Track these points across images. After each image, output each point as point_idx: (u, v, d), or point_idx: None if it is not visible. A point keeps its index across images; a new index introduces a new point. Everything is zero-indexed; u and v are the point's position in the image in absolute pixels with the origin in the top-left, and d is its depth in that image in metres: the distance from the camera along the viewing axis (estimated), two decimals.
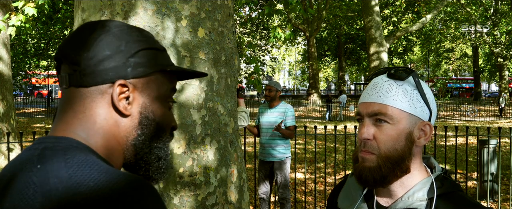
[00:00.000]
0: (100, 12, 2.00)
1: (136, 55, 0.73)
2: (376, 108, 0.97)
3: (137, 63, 0.73)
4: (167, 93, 0.79)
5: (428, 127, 0.98)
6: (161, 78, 0.77)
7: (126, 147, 0.75)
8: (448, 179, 1.00)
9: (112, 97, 0.72)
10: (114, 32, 0.73)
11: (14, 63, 20.01)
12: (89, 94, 0.72)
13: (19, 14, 5.48)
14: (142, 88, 0.75)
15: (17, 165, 0.68)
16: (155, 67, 0.76)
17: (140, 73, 0.74)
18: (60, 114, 0.74)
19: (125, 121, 0.74)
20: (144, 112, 0.75)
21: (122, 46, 0.72)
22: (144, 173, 0.78)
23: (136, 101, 0.74)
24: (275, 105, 4.84)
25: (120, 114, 0.73)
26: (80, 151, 0.67)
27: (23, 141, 4.67)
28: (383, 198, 1.02)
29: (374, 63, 15.02)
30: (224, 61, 2.20)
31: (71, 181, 0.61)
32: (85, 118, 0.72)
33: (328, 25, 33.08)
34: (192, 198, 2.06)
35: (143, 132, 0.75)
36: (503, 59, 29.55)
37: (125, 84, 0.72)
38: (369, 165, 0.96)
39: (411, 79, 0.98)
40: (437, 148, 9.56)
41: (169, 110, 0.81)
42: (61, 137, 0.70)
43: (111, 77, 0.72)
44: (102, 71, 0.71)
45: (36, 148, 0.68)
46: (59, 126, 0.73)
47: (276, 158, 4.76)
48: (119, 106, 0.72)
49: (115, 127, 0.73)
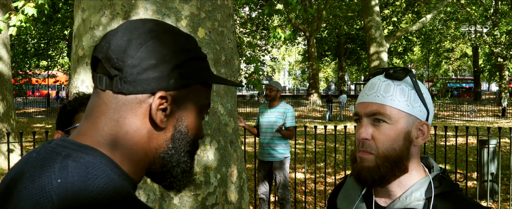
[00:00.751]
0: (100, 12, 2.00)
1: (181, 66, 0.70)
2: (374, 108, 0.97)
3: (181, 74, 0.70)
4: (204, 105, 0.76)
5: (426, 127, 0.99)
6: (200, 90, 0.74)
7: (154, 158, 0.72)
8: (446, 179, 1.00)
9: (151, 109, 0.69)
10: (161, 39, 0.70)
11: (14, 63, 20.00)
12: (126, 102, 0.69)
13: (19, 14, 5.49)
14: (180, 100, 0.72)
15: (37, 165, 0.66)
16: (198, 79, 0.73)
17: (181, 85, 0.71)
18: (91, 117, 0.71)
19: (158, 134, 0.71)
20: (179, 126, 0.72)
21: (169, 56, 0.69)
22: (168, 184, 0.76)
23: (172, 114, 0.71)
24: (275, 105, 4.83)
25: (155, 127, 0.70)
26: (103, 171, 0.65)
27: (23, 141, 4.66)
28: (381, 198, 1.03)
29: (374, 63, 15.02)
30: (224, 61, 2.20)
31: (89, 196, 0.61)
32: (117, 127, 0.69)
33: (328, 25, 33.08)
34: (192, 198, 2.06)
35: (174, 146, 0.72)
36: (503, 59, 29.54)
37: (165, 96, 0.69)
38: (368, 165, 0.97)
39: (408, 79, 0.99)
40: (437, 148, 9.56)
41: (201, 121, 0.78)
42: (87, 146, 0.68)
43: (153, 87, 0.68)
44: (144, 80, 0.68)
45: (58, 153, 0.66)
46: (88, 130, 0.70)
47: (275, 158, 4.76)
48: (156, 119, 0.69)
49: (146, 139, 0.70)
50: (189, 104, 0.73)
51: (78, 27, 2.19)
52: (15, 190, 0.65)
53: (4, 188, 0.68)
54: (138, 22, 0.72)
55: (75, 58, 2.23)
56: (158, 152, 0.72)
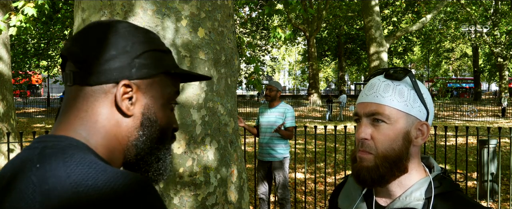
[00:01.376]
0: (100, 12, 2.00)
1: (141, 56, 0.74)
2: (373, 108, 0.98)
3: (142, 64, 0.74)
4: (170, 95, 0.79)
5: (425, 127, 0.99)
6: (165, 80, 0.78)
7: (127, 147, 0.75)
8: (447, 179, 1.00)
9: (116, 97, 0.72)
10: (121, 33, 0.74)
11: (14, 63, 20.01)
12: (92, 93, 0.72)
13: (19, 14, 5.48)
14: (145, 89, 0.75)
15: (17, 164, 0.68)
16: (160, 68, 0.76)
17: (144, 74, 0.74)
18: (62, 112, 0.74)
19: (127, 121, 0.74)
20: (147, 113, 0.75)
21: (128, 47, 0.73)
22: (143, 174, 0.78)
23: (139, 102, 0.75)
24: (275, 105, 4.84)
25: (123, 114, 0.74)
26: (79, 150, 0.67)
27: (23, 141, 4.66)
28: (382, 198, 1.03)
29: (374, 63, 15.02)
30: (224, 61, 2.20)
31: (69, 180, 0.61)
32: (87, 116, 0.72)
33: (328, 25, 33.08)
34: (192, 198, 2.06)
35: (144, 133, 0.75)
36: (503, 59, 29.54)
37: (129, 84, 0.73)
38: (367, 165, 0.97)
39: (408, 79, 0.99)
40: (437, 148, 9.56)
41: (171, 111, 0.81)
42: (61, 136, 0.71)
43: (116, 77, 0.72)
44: (107, 71, 0.72)
45: (36, 147, 0.69)
46: (61, 124, 0.73)
47: (275, 158, 4.76)
48: (122, 106, 0.72)
49: (116, 127, 0.74)
50: (155, 93, 0.76)
51: (78, 27, 2.19)
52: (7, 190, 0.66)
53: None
54: (100, 21, 0.76)
55: None
56: (130, 140, 0.75)
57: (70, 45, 0.74)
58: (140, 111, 0.75)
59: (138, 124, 0.75)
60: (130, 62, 0.73)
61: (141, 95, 0.75)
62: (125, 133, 0.74)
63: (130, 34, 0.75)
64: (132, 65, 0.73)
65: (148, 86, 0.75)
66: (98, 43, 0.72)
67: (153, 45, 0.76)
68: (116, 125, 0.73)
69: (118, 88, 0.72)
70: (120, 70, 0.72)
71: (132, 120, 0.74)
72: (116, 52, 0.72)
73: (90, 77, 0.72)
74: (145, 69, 0.74)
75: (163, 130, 0.78)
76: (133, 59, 0.73)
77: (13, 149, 8.22)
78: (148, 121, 0.76)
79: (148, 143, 0.76)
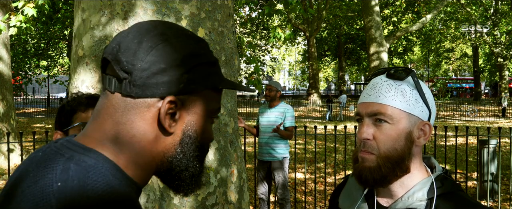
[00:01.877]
0: (100, 12, 2.00)
1: (191, 71, 0.69)
2: (376, 108, 0.97)
3: (191, 79, 0.69)
4: (214, 109, 0.75)
5: (428, 127, 0.99)
6: (210, 95, 0.73)
7: (161, 162, 0.72)
8: (449, 179, 0.99)
9: (160, 113, 0.68)
10: (172, 43, 0.69)
11: (14, 63, 20.00)
12: (134, 105, 0.68)
13: (19, 15, 5.48)
14: (190, 105, 0.71)
15: (41, 166, 0.66)
16: (208, 84, 0.72)
17: (191, 90, 0.70)
18: (98, 119, 0.71)
19: (167, 139, 0.70)
20: (188, 131, 0.72)
21: (179, 60, 0.68)
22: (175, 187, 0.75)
23: (181, 119, 0.71)
24: (275, 105, 4.84)
25: (163, 131, 0.69)
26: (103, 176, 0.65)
27: (23, 141, 4.66)
28: (383, 198, 1.02)
29: (374, 63, 15.02)
30: (224, 61, 2.20)
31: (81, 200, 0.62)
32: (124, 131, 0.68)
33: (328, 25, 33.07)
34: (192, 198, 2.06)
35: (182, 150, 0.72)
36: (503, 59, 29.54)
37: (174, 100, 0.68)
38: (369, 165, 0.96)
39: (410, 79, 0.99)
40: (437, 148, 9.56)
41: (211, 125, 0.77)
42: (90, 149, 0.67)
43: (162, 92, 0.67)
44: (153, 85, 0.67)
45: (62, 154, 0.67)
46: (94, 132, 0.70)
47: (275, 158, 4.76)
48: (164, 123, 0.68)
49: (153, 143, 0.70)
50: (198, 109, 0.72)
51: (78, 27, 2.19)
52: (19, 189, 0.65)
53: (10, 186, 0.69)
54: (149, 24, 0.71)
55: (75, 58, 2.23)
56: (166, 156, 0.71)
57: (115, 50, 0.69)
58: (181, 128, 0.71)
59: (177, 142, 0.71)
60: (179, 77, 0.68)
61: (185, 111, 0.70)
62: (162, 148, 0.71)
63: (181, 45, 0.69)
64: (181, 80, 0.68)
65: (193, 102, 0.71)
66: (146, 53, 0.67)
67: (203, 58, 0.71)
68: (153, 141, 0.70)
69: (163, 104, 0.68)
70: (167, 85, 0.67)
71: (171, 137, 0.70)
72: (166, 66, 0.67)
73: (135, 89, 0.67)
74: (193, 85, 0.69)
75: (203, 146, 0.75)
76: (182, 74, 0.68)
77: (13, 149, 8.21)
78: (188, 138, 0.72)
79: (185, 160, 0.73)
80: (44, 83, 27.91)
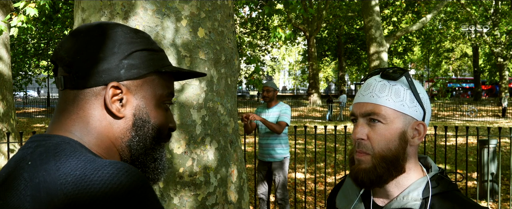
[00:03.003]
0: (100, 12, 2.00)
1: (129, 56, 0.73)
2: (369, 108, 0.98)
3: (131, 64, 0.73)
4: (163, 94, 0.78)
5: (422, 127, 0.99)
6: (157, 79, 0.77)
7: (121, 148, 0.75)
8: (445, 179, 1.00)
9: (105, 99, 0.72)
10: (108, 34, 0.73)
11: (14, 63, 20.01)
12: (83, 96, 0.72)
13: (20, 15, 5.48)
14: (136, 90, 0.75)
15: (12, 164, 0.69)
16: (150, 68, 0.75)
17: (134, 75, 0.74)
18: (55, 115, 0.75)
19: (119, 123, 0.74)
20: (138, 114, 0.75)
21: (115, 48, 0.72)
22: None
23: (129, 103, 0.74)
24: (273, 105, 4.86)
25: (113, 116, 0.73)
26: (70, 145, 0.68)
27: (23, 141, 4.66)
28: (379, 198, 1.03)
29: (374, 63, 15.02)
30: (224, 61, 2.20)
31: (58, 172, 0.62)
32: (79, 118, 0.72)
33: (328, 25, 33.05)
34: (192, 198, 2.06)
35: (137, 134, 0.75)
36: (503, 59, 29.53)
37: (118, 86, 0.72)
38: (365, 167, 0.97)
39: (404, 79, 0.99)
40: (437, 148, 9.56)
41: (166, 111, 0.80)
42: (54, 135, 0.71)
43: (104, 79, 0.72)
44: (95, 74, 0.71)
45: (29, 147, 0.70)
46: (54, 126, 0.74)
47: (275, 158, 4.77)
48: (111, 108, 0.72)
49: (109, 129, 0.73)
50: (146, 93, 0.75)
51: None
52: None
53: None
54: (86, 24, 0.77)
55: None
56: (123, 141, 0.75)
57: (58, 50, 0.74)
58: (131, 112, 0.74)
59: (130, 125, 0.74)
60: (118, 63, 0.72)
61: (131, 96, 0.74)
62: (118, 134, 0.74)
63: (117, 35, 0.74)
64: (121, 66, 0.72)
65: (139, 86, 0.75)
66: (84, 46, 0.72)
67: (141, 45, 0.75)
68: (108, 127, 0.73)
69: (107, 91, 0.72)
70: (108, 72, 0.72)
71: (124, 122, 0.74)
72: (103, 54, 0.71)
73: (79, 81, 0.72)
74: (134, 70, 0.74)
75: (158, 130, 0.77)
76: (121, 60, 0.72)
77: (13, 149, 8.22)
78: (140, 121, 0.75)
79: (142, 144, 0.76)
80: (44, 83, 27.90)
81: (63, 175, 0.61)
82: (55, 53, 0.75)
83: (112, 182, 0.60)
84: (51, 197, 0.60)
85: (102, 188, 0.59)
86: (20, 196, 0.62)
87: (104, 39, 0.72)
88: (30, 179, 0.62)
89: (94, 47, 0.72)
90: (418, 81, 1.07)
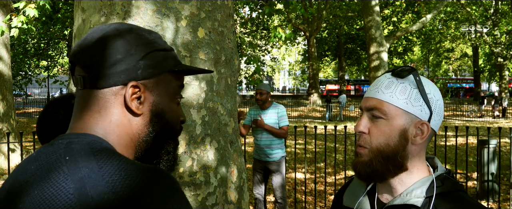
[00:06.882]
0: (100, 12, 2.00)
1: (145, 57, 0.78)
2: (373, 103, 1.00)
3: (147, 65, 0.78)
4: (175, 90, 0.84)
5: (426, 127, 0.99)
6: (169, 77, 0.83)
7: (138, 143, 0.80)
8: (450, 179, 1.00)
9: (125, 98, 0.77)
10: (125, 37, 0.78)
11: (14, 63, 20.00)
12: (102, 95, 0.77)
13: (20, 16, 5.48)
14: (152, 88, 0.80)
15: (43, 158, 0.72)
16: (164, 67, 0.81)
17: (150, 74, 0.79)
18: (77, 114, 0.79)
19: (137, 120, 0.79)
20: (155, 110, 0.80)
21: (133, 50, 0.77)
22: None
23: (147, 101, 0.79)
24: (267, 106, 4.87)
25: (133, 114, 0.78)
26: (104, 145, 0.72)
27: (23, 141, 4.66)
28: (384, 195, 1.05)
29: (374, 63, 15.02)
30: (224, 61, 2.20)
31: (102, 171, 0.66)
32: (101, 117, 0.77)
33: (328, 25, 33.05)
34: (192, 198, 2.06)
35: (154, 129, 0.81)
36: (503, 59, 29.52)
37: (136, 85, 0.77)
38: (363, 160, 1.00)
39: (411, 77, 1.00)
40: (437, 148, 9.56)
41: (177, 105, 0.86)
42: (82, 134, 0.75)
43: (123, 79, 0.77)
44: (114, 74, 0.76)
45: (60, 143, 0.73)
46: (77, 124, 0.78)
47: (273, 158, 4.78)
48: (131, 106, 0.77)
49: (128, 125, 0.78)
50: (161, 90, 0.81)
51: (78, 27, 2.19)
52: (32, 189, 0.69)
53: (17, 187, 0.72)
54: (104, 25, 0.81)
55: None
56: (141, 136, 0.80)
57: (77, 51, 0.78)
58: (148, 109, 0.80)
59: (147, 121, 0.80)
60: (136, 64, 0.77)
61: (148, 94, 0.79)
62: (136, 130, 0.79)
63: (133, 37, 0.79)
64: (138, 66, 0.77)
65: (155, 84, 0.80)
66: (103, 48, 0.76)
67: (156, 46, 0.81)
68: (127, 124, 0.78)
69: (126, 90, 0.77)
70: (126, 72, 0.77)
71: (142, 118, 0.79)
72: (121, 56, 0.76)
73: (99, 81, 0.76)
74: (150, 69, 0.79)
75: (171, 124, 0.84)
76: (138, 61, 0.77)
77: (14, 149, 8.21)
78: (156, 117, 0.81)
79: (157, 138, 0.81)
80: (44, 83, 27.90)
81: (108, 174, 0.65)
82: (73, 53, 0.79)
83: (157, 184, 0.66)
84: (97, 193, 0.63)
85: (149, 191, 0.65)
86: (60, 187, 0.65)
87: (121, 41, 0.77)
88: (71, 173, 0.66)
89: (112, 49, 0.76)
90: (433, 82, 1.04)
